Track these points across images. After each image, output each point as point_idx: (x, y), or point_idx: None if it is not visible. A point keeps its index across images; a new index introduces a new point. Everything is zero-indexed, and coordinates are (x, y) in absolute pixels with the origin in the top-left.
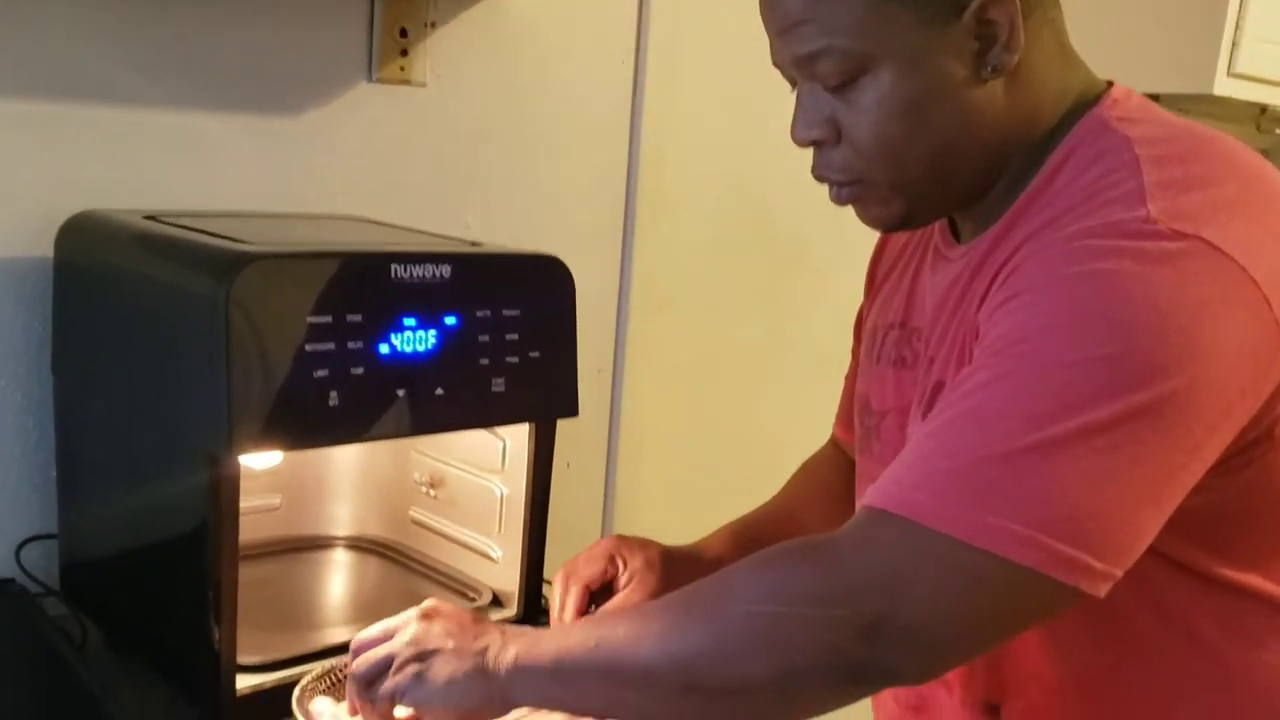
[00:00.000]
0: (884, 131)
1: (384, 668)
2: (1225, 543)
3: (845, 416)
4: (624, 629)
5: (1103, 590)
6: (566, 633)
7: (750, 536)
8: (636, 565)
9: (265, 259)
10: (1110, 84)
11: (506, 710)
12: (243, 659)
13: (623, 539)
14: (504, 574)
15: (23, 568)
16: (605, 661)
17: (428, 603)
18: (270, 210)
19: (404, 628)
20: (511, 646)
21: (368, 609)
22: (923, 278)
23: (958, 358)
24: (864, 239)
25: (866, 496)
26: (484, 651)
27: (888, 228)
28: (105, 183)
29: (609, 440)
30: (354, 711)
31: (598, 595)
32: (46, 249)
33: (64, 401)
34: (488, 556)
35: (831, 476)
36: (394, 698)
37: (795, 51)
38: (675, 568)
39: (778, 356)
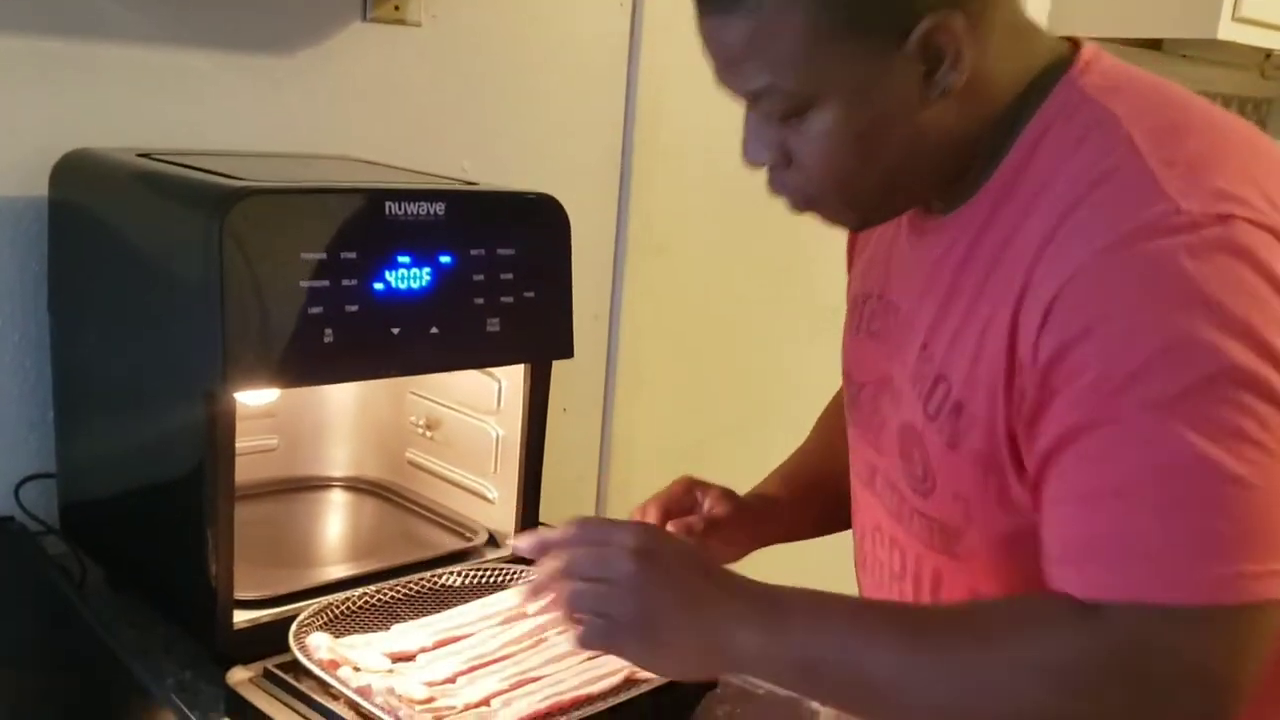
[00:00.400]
0: (833, 162)
1: (598, 607)
2: None
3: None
4: (890, 656)
5: None
6: (812, 628)
7: (801, 482)
8: (714, 493)
9: (259, 194)
10: (1075, 43)
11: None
12: (241, 595)
13: (695, 478)
14: (500, 515)
15: (22, 506)
16: (864, 686)
17: (642, 530)
18: (264, 150)
19: (620, 568)
20: (746, 629)
21: (365, 548)
22: (899, 249)
23: (973, 354)
24: None
25: (1090, 584)
26: (714, 630)
27: (851, 230)
28: (99, 121)
29: (605, 385)
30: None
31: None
32: (41, 188)
33: (60, 340)
34: (484, 497)
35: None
36: (600, 647)
37: (738, 88)
38: (748, 504)
39: (776, 301)
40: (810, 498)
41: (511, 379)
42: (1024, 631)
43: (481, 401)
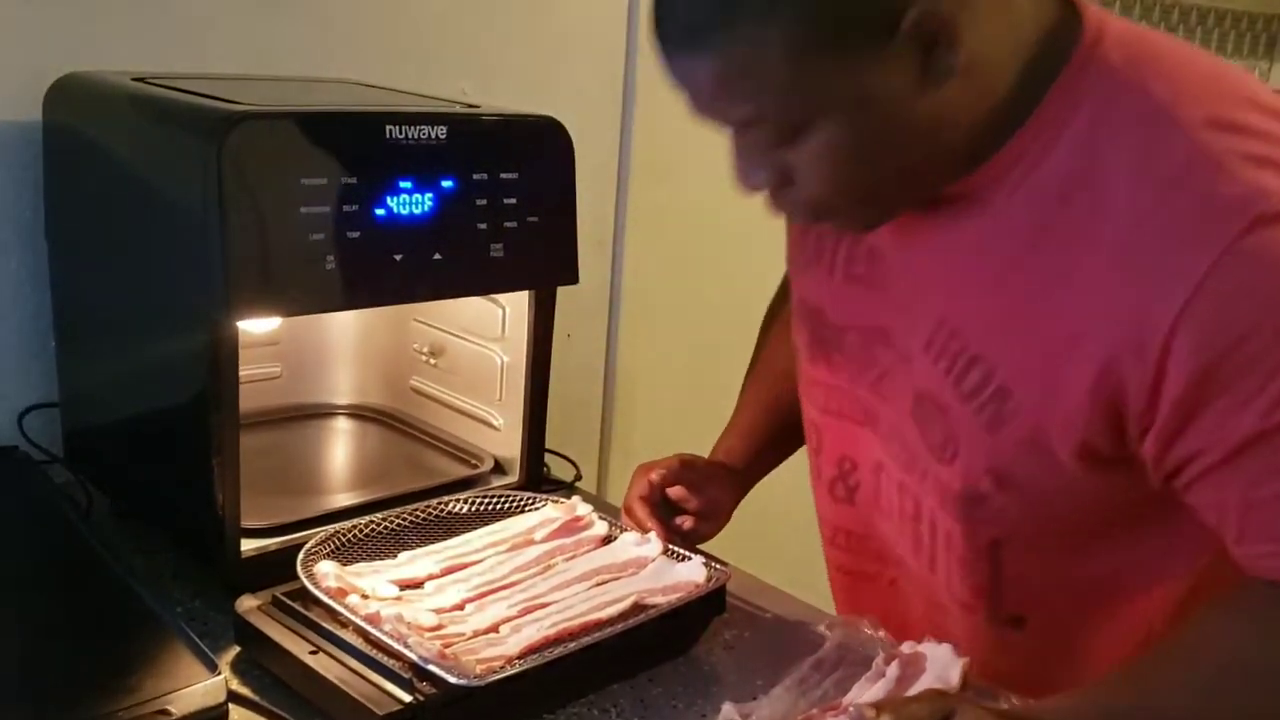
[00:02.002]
0: (841, 175)
1: None
2: None
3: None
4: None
5: None
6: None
7: (761, 435)
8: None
9: (258, 118)
10: (1075, 5)
11: None
12: (248, 523)
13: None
14: (506, 441)
15: (26, 436)
16: None
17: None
18: (262, 73)
19: None
20: None
21: (370, 475)
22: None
23: (1040, 359)
24: None
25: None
26: None
27: (866, 230)
28: (93, 44)
29: (610, 311)
30: None
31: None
32: (35, 112)
33: (59, 268)
34: (489, 424)
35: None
36: None
37: (721, 119)
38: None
39: (779, 227)
40: (774, 445)
41: (515, 305)
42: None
43: (486, 328)
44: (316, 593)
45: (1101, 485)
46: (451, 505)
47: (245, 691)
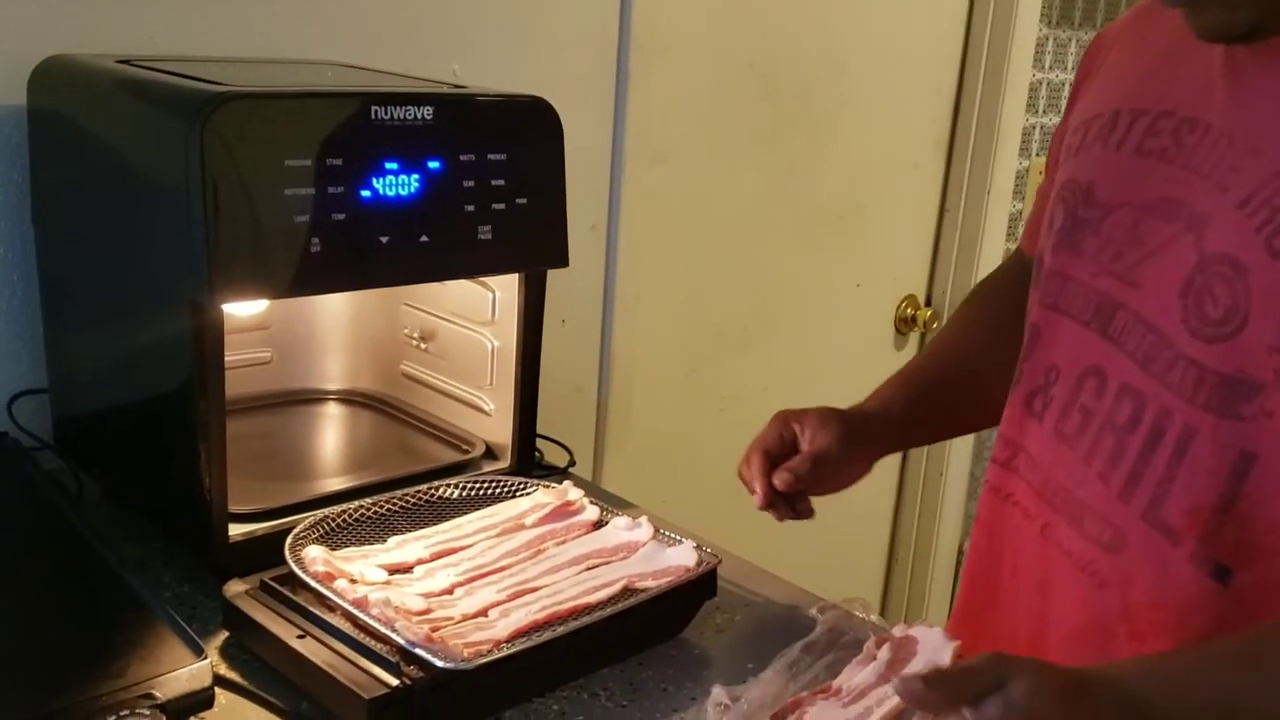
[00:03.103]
0: None
1: None
2: None
3: (1036, 230)
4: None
5: None
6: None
7: (915, 380)
8: (813, 421)
9: (241, 98)
10: None
11: None
12: (236, 508)
13: (788, 410)
14: (497, 426)
15: (15, 422)
16: None
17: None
18: (247, 55)
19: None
20: None
21: (360, 460)
22: (1212, 66)
23: None
24: (862, 87)
25: None
26: None
27: (1223, 38)
28: (77, 26)
29: (604, 296)
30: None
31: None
32: (19, 96)
33: (46, 253)
34: (480, 409)
35: (1007, 295)
36: None
37: None
38: (850, 419)
39: (776, 208)
40: (932, 400)
41: (506, 289)
42: None
43: (476, 312)
44: (304, 577)
45: None
46: (442, 490)
47: (233, 676)
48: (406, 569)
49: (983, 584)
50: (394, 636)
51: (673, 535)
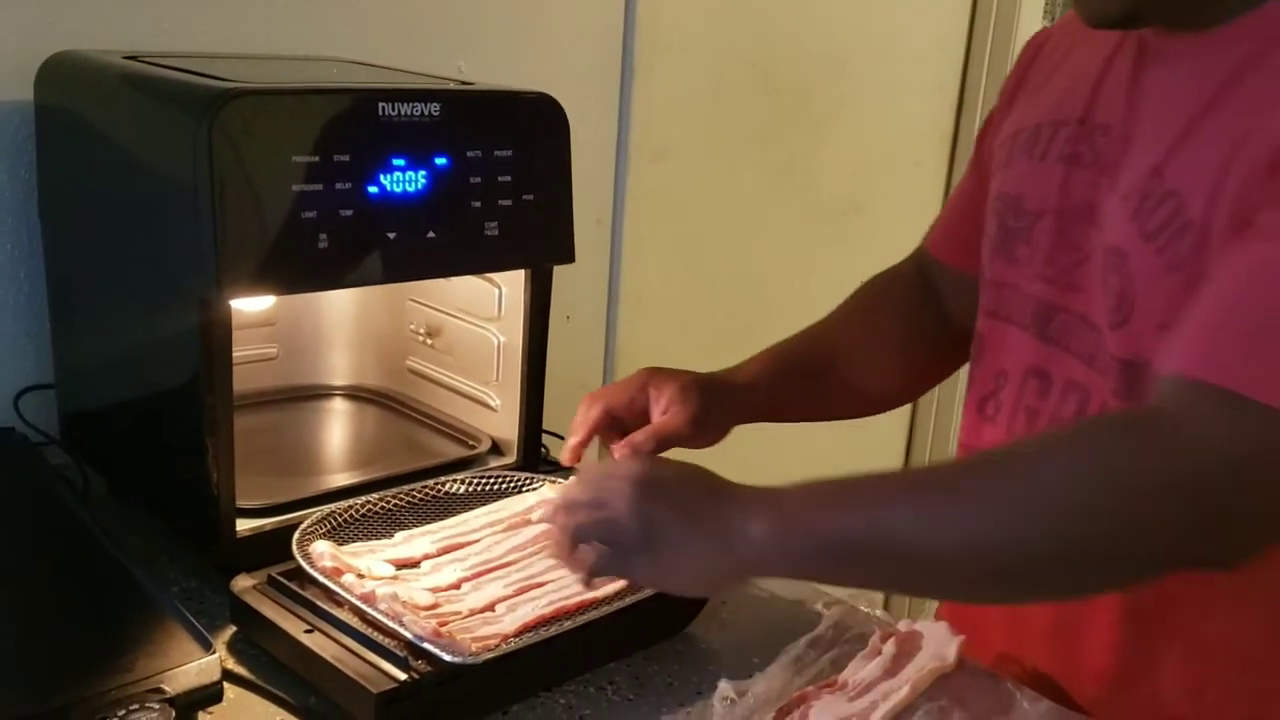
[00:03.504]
0: None
1: (601, 534)
2: None
3: (948, 233)
4: (905, 509)
5: None
6: (826, 503)
7: (788, 359)
8: (671, 391)
9: (249, 95)
10: None
11: (746, 580)
12: (243, 503)
13: (654, 370)
14: (503, 422)
15: (22, 417)
16: (886, 545)
17: (639, 462)
18: (254, 52)
19: (618, 493)
20: (756, 521)
21: (367, 456)
22: (1116, 74)
23: (1219, 168)
24: (861, 85)
25: (1177, 359)
26: (723, 530)
27: (1108, 24)
28: (84, 23)
29: (609, 292)
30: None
31: (630, 426)
32: (27, 92)
33: (54, 249)
34: (486, 405)
35: (897, 296)
36: (611, 573)
37: None
38: (713, 393)
39: (778, 205)
40: (800, 383)
41: (512, 285)
42: (1074, 445)
43: (482, 308)
44: (312, 572)
45: None
46: (448, 486)
47: (241, 670)
48: (413, 564)
49: None
50: (401, 631)
51: None
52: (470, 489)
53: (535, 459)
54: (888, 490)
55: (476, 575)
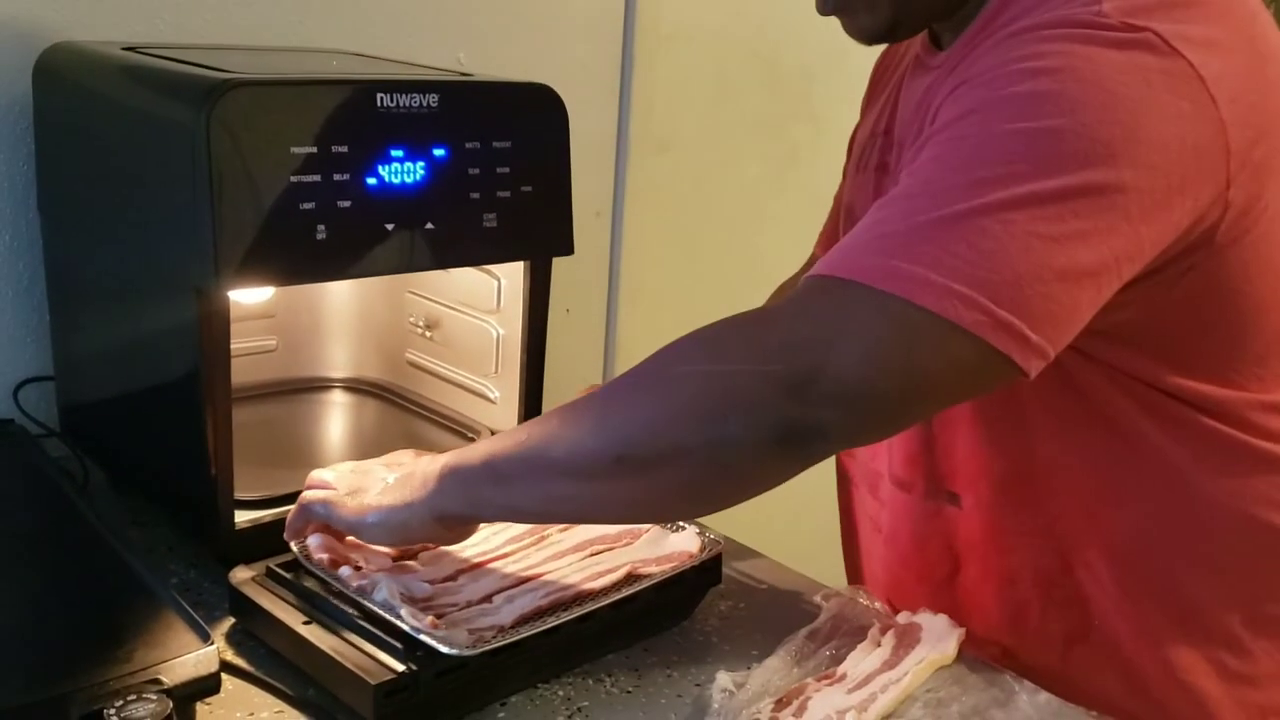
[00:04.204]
0: None
1: (333, 482)
2: (1175, 354)
3: (830, 235)
4: (555, 419)
5: (1034, 367)
6: (499, 436)
7: None
8: None
9: (246, 85)
10: None
11: (441, 529)
12: (243, 495)
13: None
14: (502, 415)
15: (22, 409)
16: (535, 451)
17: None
18: (253, 43)
19: (358, 465)
20: (439, 460)
21: (366, 448)
22: (904, 85)
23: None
24: (866, 75)
25: (812, 270)
26: (411, 476)
27: (873, 38)
28: (82, 14)
29: (609, 285)
30: (289, 536)
31: None
32: (25, 83)
33: (52, 240)
34: (485, 398)
35: None
36: (322, 516)
37: None
38: None
39: (779, 198)
40: None
41: (511, 277)
42: (697, 333)
43: (481, 300)
44: (308, 564)
45: None
46: None
47: (239, 662)
48: (411, 556)
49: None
50: (398, 623)
51: (676, 522)
52: None
53: None
54: (553, 410)
55: (473, 567)
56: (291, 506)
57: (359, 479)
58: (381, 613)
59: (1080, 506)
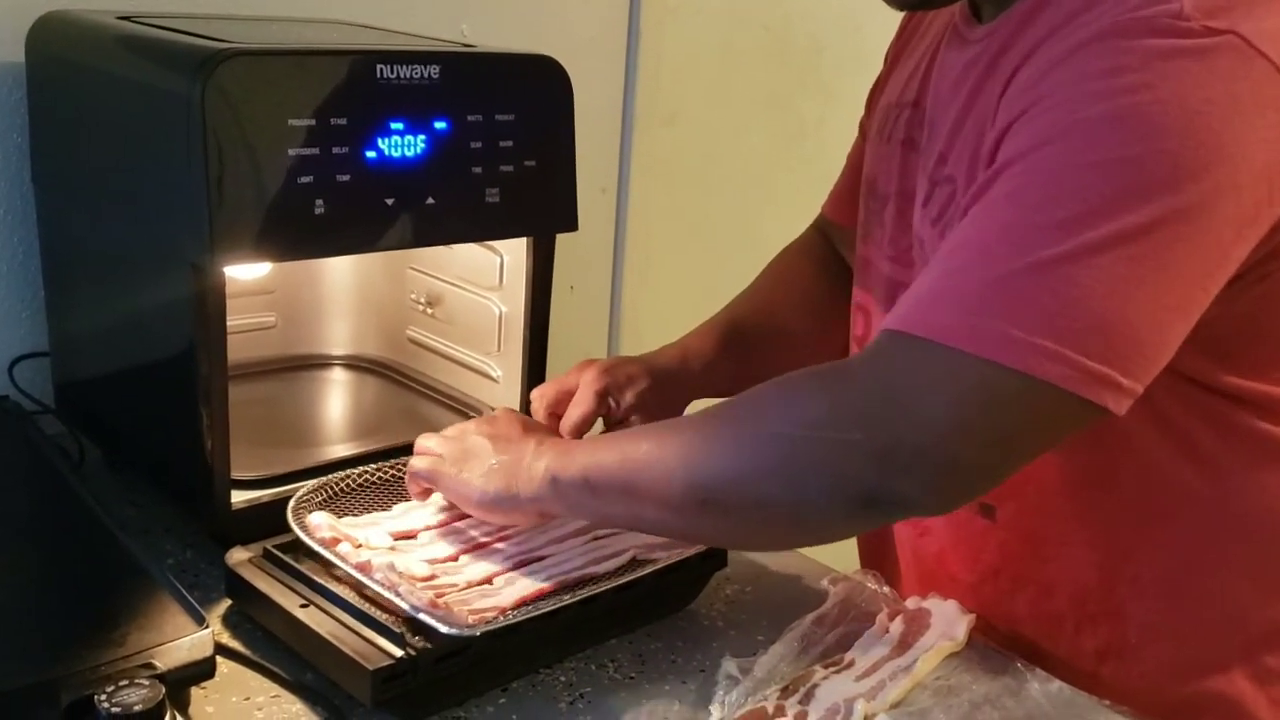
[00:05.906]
0: None
1: (442, 449)
2: (1231, 353)
3: (841, 195)
4: (647, 445)
5: (1125, 408)
6: (596, 447)
7: (737, 340)
8: (629, 403)
9: (243, 55)
10: None
11: (542, 520)
12: (239, 474)
13: (607, 371)
14: (505, 393)
15: (17, 386)
16: (628, 477)
17: (491, 413)
18: (251, 13)
19: (465, 427)
20: (543, 458)
21: (366, 427)
22: (938, 58)
23: (972, 154)
24: (878, 47)
25: (886, 320)
26: (515, 464)
27: (910, 4)
28: None
29: (614, 261)
30: (414, 493)
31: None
32: (17, 53)
33: (47, 214)
34: (488, 376)
35: (805, 269)
36: (430, 482)
37: None
38: (668, 391)
39: (787, 172)
40: (747, 354)
41: (514, 253)
42: (778, 388)
43: (483, 277)
44: (308, 542)
45: None
46: None
47: (235, 645)
48: (411, 535)
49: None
50: (397, 601)
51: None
52: None
53: None
54: (644, 431)
55: (475, 548)
56: (289, 487)
57: (463, 449)
58: (381, 592)
59: (1133, 516)
